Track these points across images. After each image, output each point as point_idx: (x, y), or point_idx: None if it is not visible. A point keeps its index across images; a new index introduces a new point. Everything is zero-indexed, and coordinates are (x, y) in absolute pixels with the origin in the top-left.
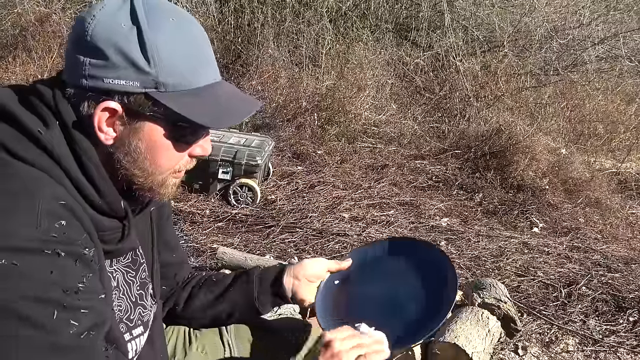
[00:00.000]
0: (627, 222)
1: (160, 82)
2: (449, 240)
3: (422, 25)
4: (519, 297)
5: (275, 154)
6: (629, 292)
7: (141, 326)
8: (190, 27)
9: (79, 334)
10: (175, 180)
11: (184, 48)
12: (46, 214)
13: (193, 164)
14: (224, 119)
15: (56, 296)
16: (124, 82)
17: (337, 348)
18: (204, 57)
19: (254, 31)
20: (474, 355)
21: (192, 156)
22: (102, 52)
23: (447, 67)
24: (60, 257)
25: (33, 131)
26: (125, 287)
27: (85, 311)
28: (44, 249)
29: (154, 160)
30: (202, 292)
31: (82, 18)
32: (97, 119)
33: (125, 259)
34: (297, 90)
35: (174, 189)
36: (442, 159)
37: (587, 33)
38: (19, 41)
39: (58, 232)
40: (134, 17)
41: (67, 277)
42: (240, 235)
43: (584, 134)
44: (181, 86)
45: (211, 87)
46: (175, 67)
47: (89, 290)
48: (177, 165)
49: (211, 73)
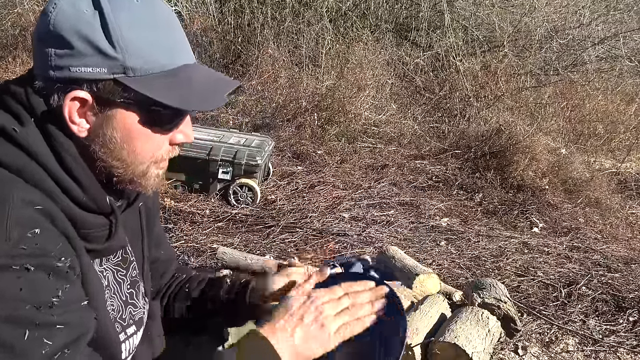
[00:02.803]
0: (627, 222)
1: (128, 66)
2: (449, 240)
3: (422, 25)
4: (519, 297)
5: (275, 154)
6: (629, 292)
7: (133, 325)
8: (156, 8)
9: (52, 354)
10: (158, 171)
11: (150, 30)
12: (16, 223)
13: (176, 153)
14: (198, 100)
15: (27, 314)
16: (90, 69)
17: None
18: (173, 39)
19: (254, 31)
20: (474, 355)
21: (173, 144)
22: (66, 40)
23: (447, 67)
24: (30, 272)
25: (7, 129)
26: (115, 286)
27: (60, 327)
28: (12, 264)
29: (132, 150)
30: (177, 304)
31: (45, 8)
32: (67, 109)
33: (115, 257)
34: (297, 90)
35: (157, 180)
36: (442, 159)
37: (587, 33)
38: (19, 41)
39: (29, 244)
40: (95, 2)
41: (39, 292)
42: (240, 235)
43: (584, 134)
44: (151, 69)
45: (184, 68)
46: (142, 50)
47: (65, 303)
48: (157, 153)
49: (183, 55)
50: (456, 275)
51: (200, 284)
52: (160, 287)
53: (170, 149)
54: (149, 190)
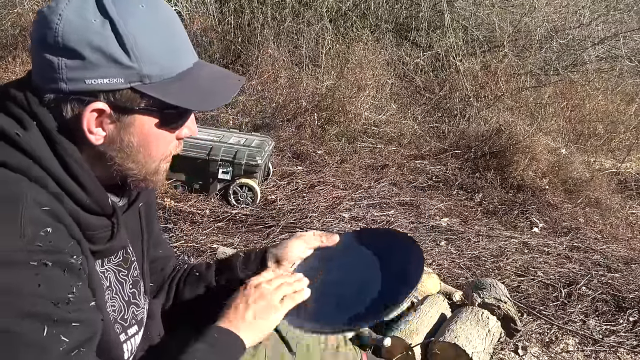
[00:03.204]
0: (627, 222)
1: (144, 74)
2: (449, 240)
3: (422, 25)
4: (519, 297)
5: (275, 154)
6: (629, 292)
7: (135, 325)
8: (161, 10)
9: (69, 351)
10: (166, 165)
11: (160, 34)
12: (30, 221)
13: (181, 147)
14: (211, 100)
15: (46, 310)
16: (107, 80)
17: (265, 288)
18: (181, 40)
19: (254, 31)
20: (474, 355)
21: (179, 138)
22: (77, 52)
23: (447, 67)
24: (47, 267)
25: (10, 134)
26: (117, 286)
27: (76, 324)
28: (30, 260)
29: (148, 153)
30: (187, 289)
31: (45, 16)
32: (86, 122)
33: (116, 258)
34: (297, 90)
35: (164, 174)
36: (442, 159)
37: (587, 33)
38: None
39: (44, 241)
40: (102, 10)
41: (56, 288)
42: (240, 235)
43: (584, 134)
44: (165, 75)
45: (192, 69)
46: (156, 56)
47: (79, 300)
48: (167, 150)
49: (190, 55)
50: (456, 275)
51: (210, 266)
52: (161, 282)
53: (177, 143)
54: (158, 186)
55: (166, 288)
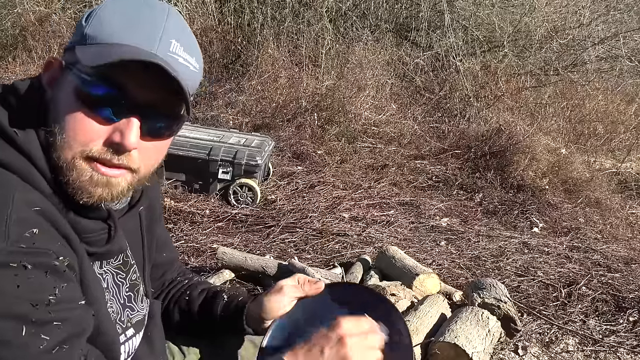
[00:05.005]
0: (627, 222)
1: (85, 34)
2: (449, 240)
3: (422, 25)
4: (519, 297)
5: (275, 154)
6: (629, 292)
7: (131, 328)
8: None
9: (50, 349)
10: (92, 172)
11: (124, 10)
12: (15, 222)
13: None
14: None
15: (24, 311)
16: (69, 43)
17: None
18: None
19: (254, 31)
20: (474, 355)
21: (110, 142)
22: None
23: (447, 67)
24: (27, 269)
25: (8, 132)
26: (114, 288)
27: (58, 323)
28: (10, 262)
29: (63, 126)
30: (176, 311)
31: None
32: (46, 75)
33: (116, 260)
34: (297, 90)
35: (90, 185)
36: (442, 159)
37: (587, 33)
38: (19, 41)
39: (27, 242)
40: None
41: (36, 290)
42: (240, 235)
43: (584, 134)
44: (98, 39)
45: (131, 47)
46: (104, 22)
47: (62, 301)
48: (87, 142)
49: (143, 39)
50: (456, 275)
51: (201, 295)
52: (162, 286)
53: (103, 149)
54: (84, 196)
55: (162, 296)
